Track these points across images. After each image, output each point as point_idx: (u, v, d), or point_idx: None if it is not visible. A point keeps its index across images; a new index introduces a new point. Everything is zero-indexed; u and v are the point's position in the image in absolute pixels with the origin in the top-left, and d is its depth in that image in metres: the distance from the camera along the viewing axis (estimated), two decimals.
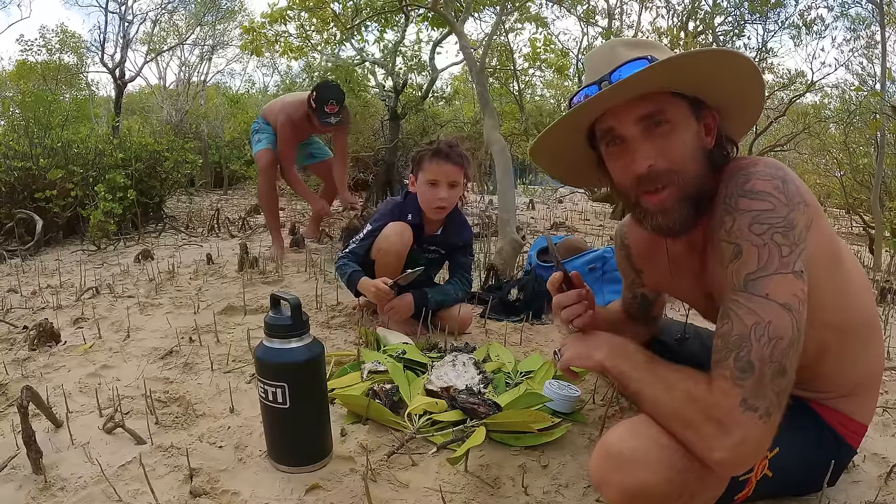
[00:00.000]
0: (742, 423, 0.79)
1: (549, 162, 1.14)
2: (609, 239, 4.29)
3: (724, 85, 0.93)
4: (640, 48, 0.96)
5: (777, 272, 0.83)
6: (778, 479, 1.00)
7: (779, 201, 0.86)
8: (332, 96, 3.17)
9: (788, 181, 0.88)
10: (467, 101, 8.68)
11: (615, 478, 0.87)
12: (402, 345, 1.80)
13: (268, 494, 1.14)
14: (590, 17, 5.84)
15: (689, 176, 0.93)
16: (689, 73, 0.90)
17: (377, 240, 2.04)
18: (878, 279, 3.21)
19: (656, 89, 0.92)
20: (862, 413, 1.07)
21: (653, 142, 0.93)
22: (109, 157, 4.26)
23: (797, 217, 0.86)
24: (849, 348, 1.01)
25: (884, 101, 4.51)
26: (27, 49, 11.25)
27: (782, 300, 0.82)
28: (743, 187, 0.88)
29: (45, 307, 2.39)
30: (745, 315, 0.83)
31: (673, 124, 0.93)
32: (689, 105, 0.94)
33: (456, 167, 2.01)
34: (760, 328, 0.81)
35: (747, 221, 0.86)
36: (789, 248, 0.84)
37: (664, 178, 0.93)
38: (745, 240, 0.86)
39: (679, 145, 0.93)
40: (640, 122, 0.93)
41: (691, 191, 0.93)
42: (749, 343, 0.81)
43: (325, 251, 3.49)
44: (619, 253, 1.34)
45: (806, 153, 8.81)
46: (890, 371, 1.83)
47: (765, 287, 0.83)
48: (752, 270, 0.84)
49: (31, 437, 1.20)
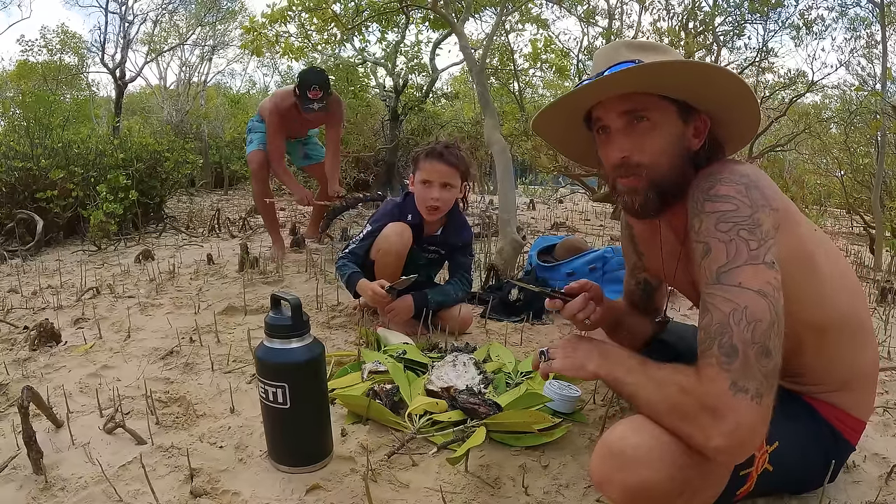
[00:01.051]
0: (734, 406, 0.81)
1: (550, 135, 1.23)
2: (610, 239, 4.29)
3: (711, 97, 0.99)
4: (642, 51, 1.02)
5: (747, 263, 0.87)
6: (778, 473, 1.00)
7: (742, 203, 0.91)
8: (315, 81, 3.06)
9: (752, 187, 0.92)
10: (468, 101, 8.68)
11: (617, 477, 0.87)
12: (403, 345, 1.80)
13: (268, 494, 1.14)
14: (590, 17, 5.84)
15: (658, 171, 1.01)
16: (672, 81, 0.97)
17: (377, 240, 2.04)
18: (879, 279, 3.21)
19: (640, 90, 0.99)
20: (858, 409, 1.08)
21: (631, 136, 1.01)
22: (110, 158, 4.26)
23: (762, 217, 0.90)
24: (826, 346, 1.03)
25: (884, 101, 4.51)
26: (28, 49, 11.28)
27: (755, 287, 0.86)
28: (707, 192, 0.94)
29: (46, 307, 2.39)
30: (722, 304, 0.86)
31: (653, 122, 1.00)
32: (676, 108, 1.01)
33: (450, 168, 1.99)
34: (738, 313, 0.84)
35: (713, 221, 0.91)
36: (757, 242, 0.88)
37: (634, 170, 1.02)
38: (713, 237, 0.90)
39: (655, 142, 1.00)
40: (623, 115, 1.01)
41: (658, 181, 1.01)
42: (729, 329, 0.84)
43: (325, 251, 3.49)
44: (624, 233, 1.39)
45: (806, 153, 8.81)
46: (890, 371, 1.83)
47: (736, 277, 0.87)
48: (722, 264, 0.88)
49: (32, 437, 1.20)
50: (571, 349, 1.07)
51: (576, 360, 1.04)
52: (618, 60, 1.00)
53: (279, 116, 3.21)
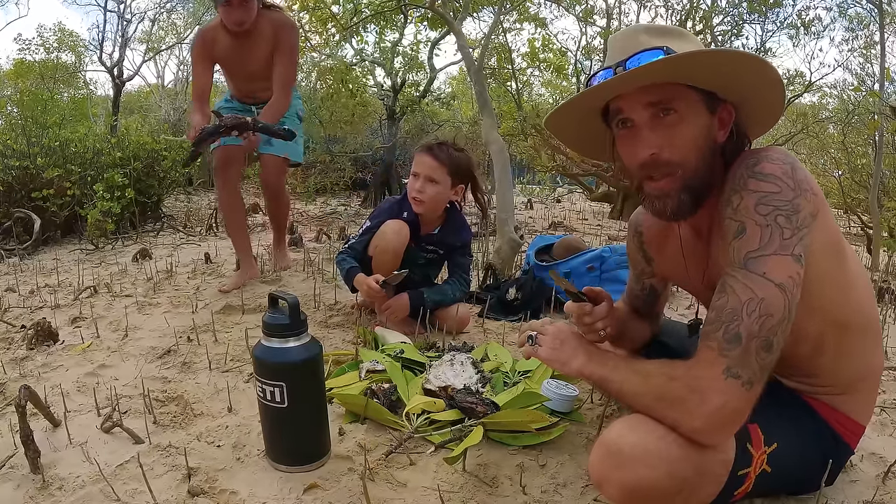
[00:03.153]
0: (723, 389, 0.83)
1: (561, 133, 1.17)
2: (608, 238, 4.30)
3: (742, 86, 0.94)
4: (663, 36, 0.96)
5: (776, 253, 0.86)
6: (776, 475, 1.00)
7: (786, 185, 0.88)
8: None
9: (798, 168, 0.90)
10: (465, 101, 8.68)
11: (615, 475, 0.87)
12: (401, 344, 1.80)
13: (266, 494, 1.14)
14: (588, 16, 5.85)
15: (690, 168, 0.95)
16: (707, 70, 0.91)
17: (375, 237, 2.04)
18: (876, 279, 3.22)
19: (668, 80, 0.92)
20: (859, 413, 1.07)
21: (658, 130, 0.94)
22: (107, 156, 4.25)
23: (802, 203, 0.88)
24: (846, 344, 1.02)
25: (882, 102, 4.51)
26: (25, 48, 11.23)
27: (778, 280, 0.85)
28: (753, 168, 0.91)
29: (43, 306, 2.38)
30: (741, 290, 0.86)
31: (681, 115, 0.94)
32: (702, 98, 0.95)
33: (436, 162, 1.98)
34: (753, 304, 0.85)
35: (754, 201, 0.89)
36: (791, 231, 0.87)
37: (665, 168, 0.95)
38: (750, 218, 0.88)
39: (684, 136, 0.94)
40: (648, 108, 0.94)
41: (691, 182, 0.96)
42: (740, 317, 0.85)
43: (323, 250, 3.49)
44: (632, 242, 1.34)
45: (804, 153, 8.83)
46: (888, 371, 1.83)
47: (763, 266, 0.86)
48: (752, 249, 0.87)
49: (29, 436, 1.19)
50: (559, 342, 1.07)
51: (561, 354, 1.05)
52: (639, 49, 0.93)
53: (202, 41, 2.52)
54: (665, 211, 0.99)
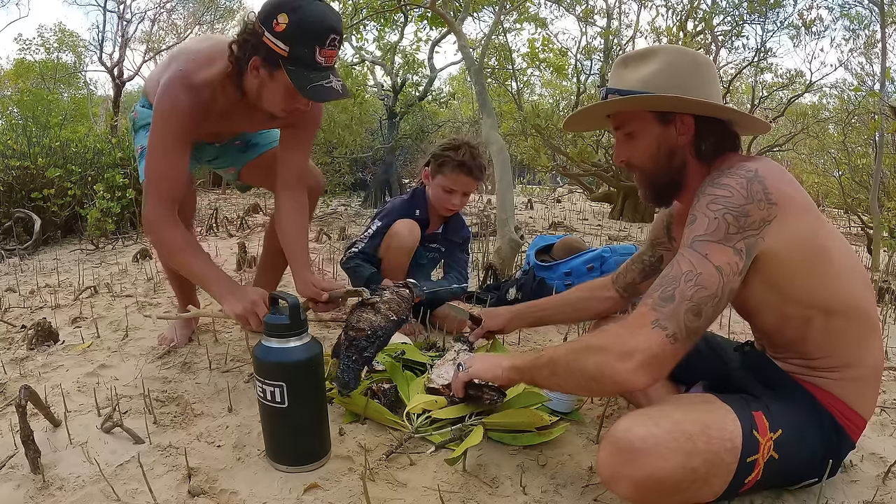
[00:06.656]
0: (649, 335, 0.93)
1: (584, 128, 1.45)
2: (608, 238, 4.30)
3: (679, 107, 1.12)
4: (626, 67, 1.15)
5: (719, 241, 0.97)
6: (784, 461, 1.01)
7: (738, 193, 0.99)
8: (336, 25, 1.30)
9: (755, 181, 0.99)
10: (465, 101, 8.68)
11: (626, 470, 0.89)
12: (401, 344, 1.80)
13: (266, 494, 1.14)
14: (588, 16, 5.85)
15: (647, 170, 1.18)
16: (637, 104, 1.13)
17: (387, 237, 2.05)
18: (877, 279, 3.22)
19: (622, 109, 1.17)
20: (860, 404, 1.08)
21: (623, 145, 1.20)
22: (108, 156, 4.25)
23: (752, 209, 0.98)
24: (834, 327, 1.06)
25: (882, 101, 4.51)
26: (25, 48, 11.24)
27: (717, 263, 0.96)
28: (713, 181, 1.04)
29: (44, 306, 2.39)
30: (684, 263, 0.98)
31: (634, 133, 1.17)
32: (654, 115, 1.14)
33: (475, 182, 2.13)
34: (692, 275, 0.96)
35: (707, 200, 1.01)
36: (736, 228, 0.97)
37: (632, 170, 1.23)
38: (701, 212, 1.01)
39: (639, 149, 1.17)
40: (615, 129, 1.21)
41: (651, 180, 1.19)
42: (678, 283, 0.96)
43: (322, 251, 3.49)
44: (663, 215, 1.47)
45: (804, 153, 8.83)
46: (888, 371, 1.83)
47: (706, 248, 0.98)
48: (699, 234, 0.99)
49: (30, 436, 1.19)
50: (484, 358, 1.28)
51: (490, 364, 1.23)
52: (620, 81, 1.15)
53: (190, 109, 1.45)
54: (643, 197, 1.25)
